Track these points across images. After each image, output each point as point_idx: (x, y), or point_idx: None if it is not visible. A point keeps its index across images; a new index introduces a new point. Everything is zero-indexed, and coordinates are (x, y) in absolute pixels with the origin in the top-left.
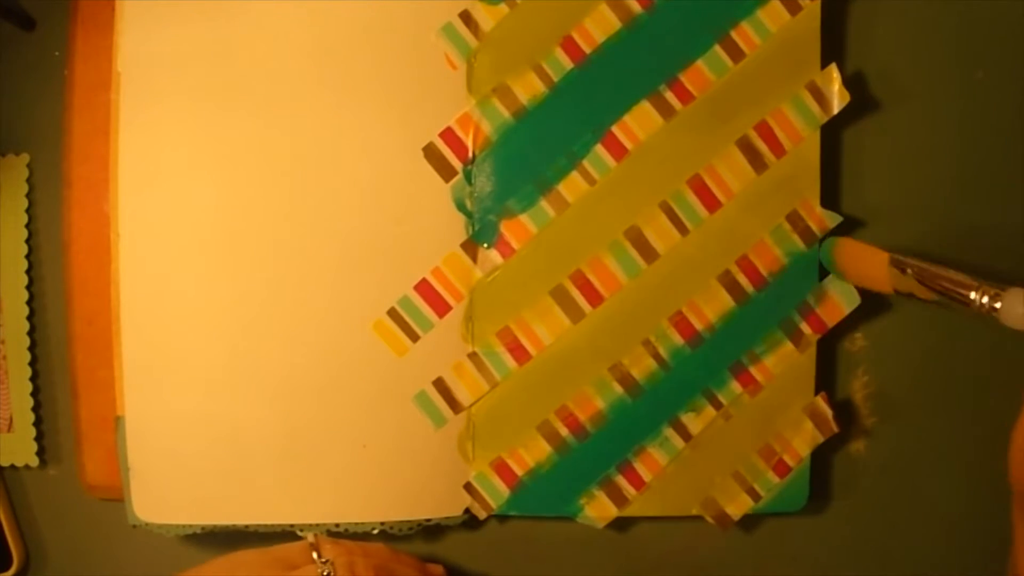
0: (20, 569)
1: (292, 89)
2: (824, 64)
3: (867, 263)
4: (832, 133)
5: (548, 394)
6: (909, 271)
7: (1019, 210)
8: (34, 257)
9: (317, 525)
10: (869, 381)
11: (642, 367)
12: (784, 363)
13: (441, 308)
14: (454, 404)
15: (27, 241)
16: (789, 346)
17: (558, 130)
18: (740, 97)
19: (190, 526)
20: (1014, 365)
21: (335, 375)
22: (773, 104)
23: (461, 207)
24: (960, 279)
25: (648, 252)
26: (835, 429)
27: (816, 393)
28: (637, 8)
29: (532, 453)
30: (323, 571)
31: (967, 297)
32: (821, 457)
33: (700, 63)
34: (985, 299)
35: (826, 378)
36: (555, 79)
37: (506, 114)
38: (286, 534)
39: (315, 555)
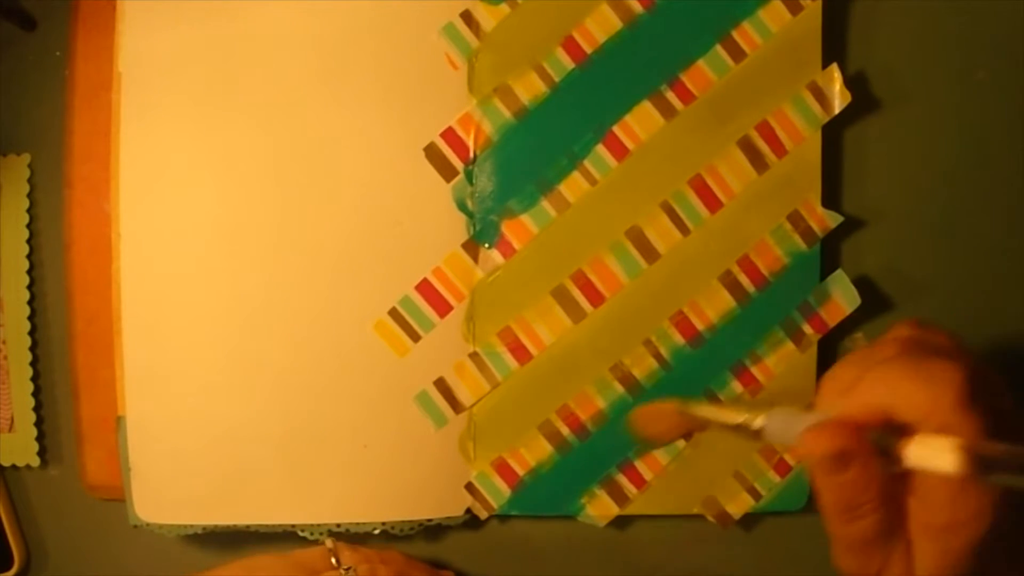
0: (21, 569)
1: (293, 89)
2: (825, 64)
3: (659, 416)
4: (833, 133)
5: (549, 394)
6: (690, 416)
7: (1019, 210)
8: (35, 257)
9: (318, 525)
10: None
11: (643, 367)
12: (785, 363)
13: (442, 308)
14: (455, 404)
15: (28, 241)
16: (790, 346)
17: (559, 130)
18: (741, 97)
19: (191, 526)
20: (1014, 365)
21: (336, 375)
22: (774, 104)
23: (462, 207)
24: (726, 413)
25: (649, 252)
26: None
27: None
28: (638, 8)
29: (533, 453)
30: None
31: (738, 424)
32: None
33: (701, 63)
34: (754, 422)
35: None
36: (556, 79)
37: (507, 114)
38: (287, 534)
39: (334, 561)
